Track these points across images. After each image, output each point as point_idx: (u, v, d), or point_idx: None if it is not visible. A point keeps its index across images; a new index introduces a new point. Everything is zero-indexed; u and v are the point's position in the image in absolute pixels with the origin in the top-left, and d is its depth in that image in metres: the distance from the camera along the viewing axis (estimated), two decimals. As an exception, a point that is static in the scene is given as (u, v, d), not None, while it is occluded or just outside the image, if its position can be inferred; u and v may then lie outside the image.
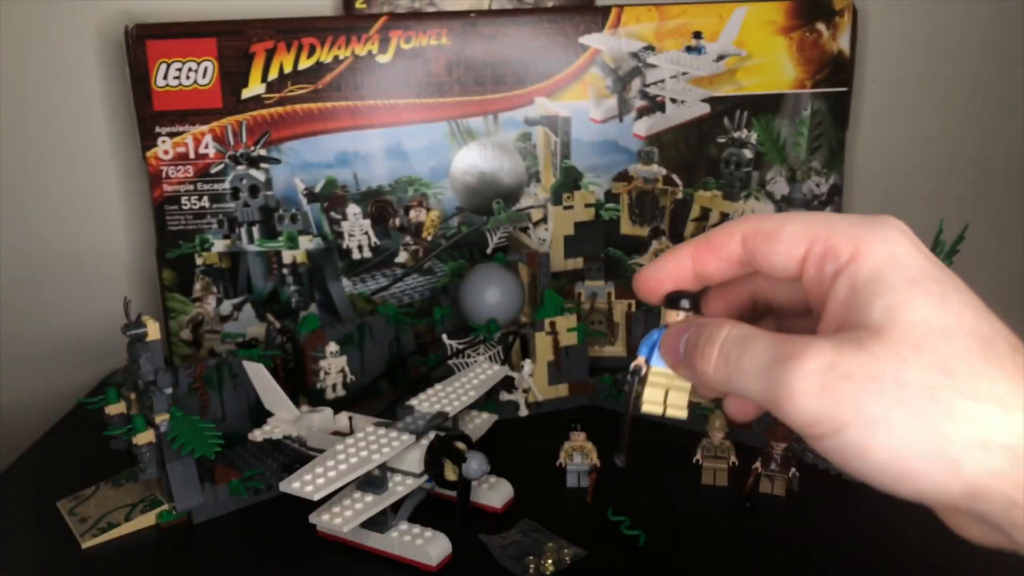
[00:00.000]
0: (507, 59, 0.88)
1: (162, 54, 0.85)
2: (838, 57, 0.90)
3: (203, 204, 0.89)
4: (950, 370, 0.25)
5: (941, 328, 0.26)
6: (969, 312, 0.27)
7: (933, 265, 0.28)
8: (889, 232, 0.29)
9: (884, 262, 0.28)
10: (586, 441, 0.64)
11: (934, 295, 0.27)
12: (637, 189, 0.93)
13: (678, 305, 0.33)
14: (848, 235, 0.29)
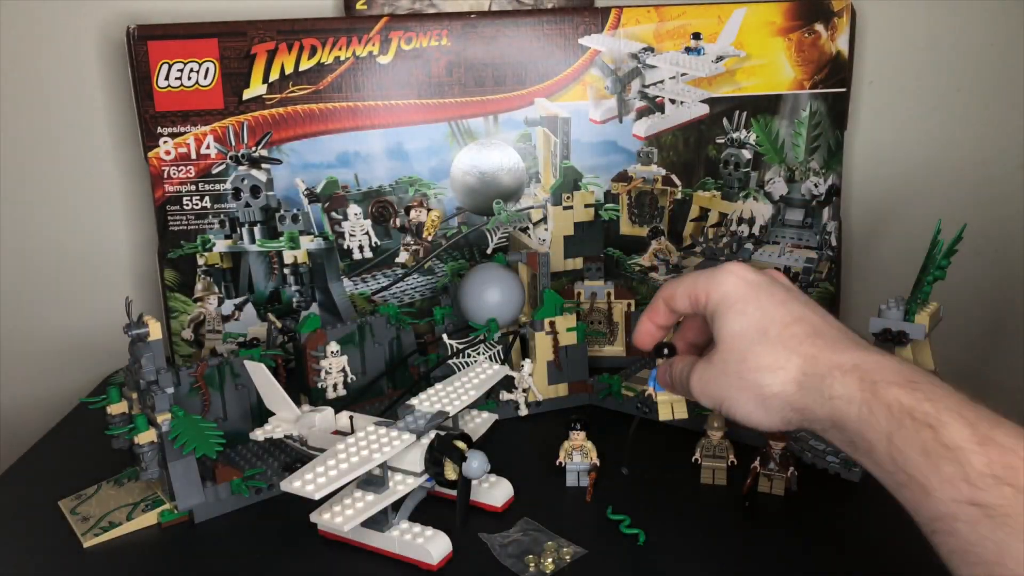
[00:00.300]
0: (507, 60, 0.88)
1: (164, 55, 0.85)
2: (836, 58, 0.90)
3: (205, 204, 0.89)
4: (744, 358, 0.45)
5: (740, 332, 0.45)
6: (760, 314, 0.45)
7: (751, 288, 0.46)
8: (723, 277, 0.47)
9: (718, 300, 0.47)
10: (586, 440, 0.64)
11: (740, 311, 0.45)
12: (636, 189, 0.93)
13: (661, 354, 0.53)
14: (702, 287, 0.48)
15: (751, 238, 0.94)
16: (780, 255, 0.94)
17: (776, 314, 0.45)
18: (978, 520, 0.36)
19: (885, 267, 1.02)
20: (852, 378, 0.41)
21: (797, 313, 0.45)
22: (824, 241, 0.94)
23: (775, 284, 0.47)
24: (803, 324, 0.44)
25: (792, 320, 0.44)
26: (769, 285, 0.46)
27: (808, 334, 0.43)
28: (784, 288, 0.47)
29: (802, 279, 0.95)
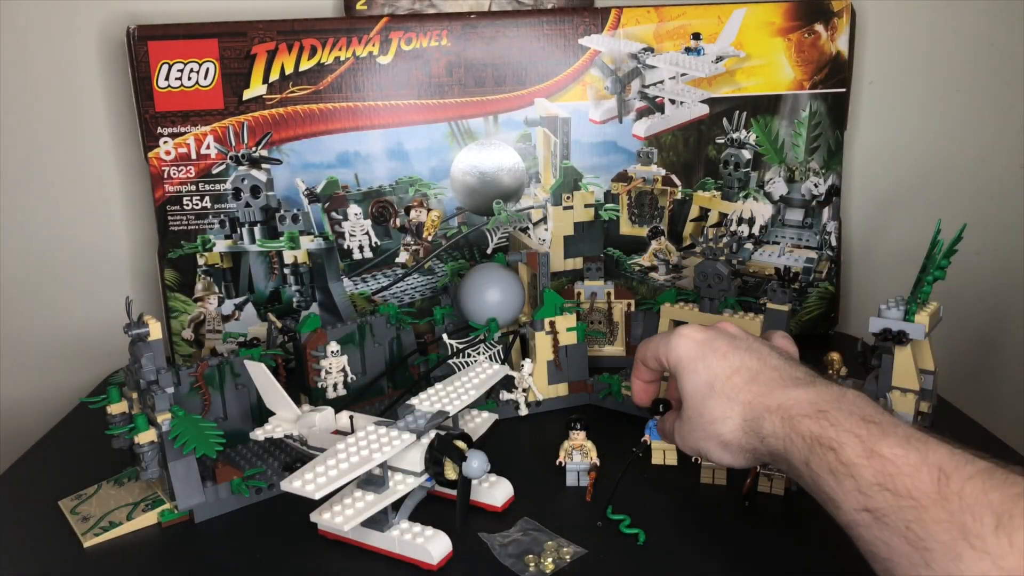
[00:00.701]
0: (507, 60, 0.88)
1: (164, 55, 0.85)
2: (836, 58, 0.90)
3: (205, 204, 0.89)
4: (701, 412, 0.52)
5: (695, 390, 0.52)
6: (707, 371, 0.52)
7: (698, 347, 0.53)
8: (676, 341, 0.54)
9: (675, 362, 0.54)
10: (586, 440, 0.64)
11: (692, 371, 0.52)
12: (636, 189, 0.93)
13: (657, 411, 0.62)
14: (662, 350, 0.55)
15: (751, 238, 0.94)
16: (780, 255, 0.94)
17: (719, 368, 0.51)
18: (870, 524, 0.42)
19: (885, 267, 1.02)
20: (776, 417, 0.47)
21: (736, 363, 0.51)
22: (824, 241, 0.94)
23: (719, 338, 0.53)
24: (742, 373, 0.50)
25: (732, 371, 0.51)
26: (714, 340, 0.53)
27: (746, 381, 0.50)
28: (727, 339, 0.53)
29: (802, 279, 0.95)
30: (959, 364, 0.98)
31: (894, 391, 0.66)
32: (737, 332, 0.54)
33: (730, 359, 0.51)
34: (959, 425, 0.74)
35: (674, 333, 0.54)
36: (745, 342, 0.53)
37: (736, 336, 0.54)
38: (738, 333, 0.54)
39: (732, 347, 0.52)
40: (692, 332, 0.54)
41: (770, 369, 0.50)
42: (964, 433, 0.72)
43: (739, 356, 0.51)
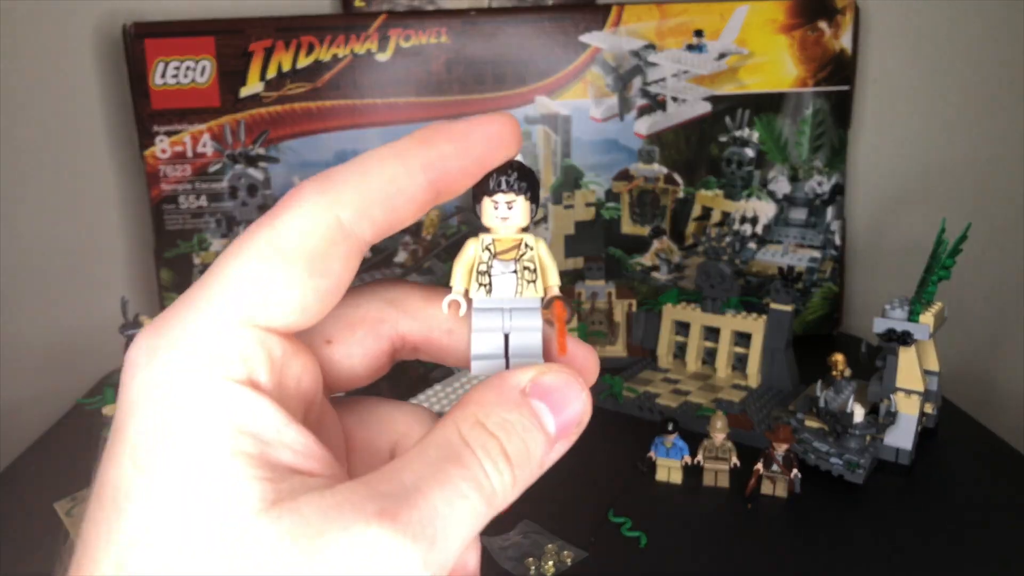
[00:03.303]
0: (507, 58, 0.87)
1: (160, 52, 0.84)
2: (840, 56, 0.89)
3: (201, 203, 0.89)
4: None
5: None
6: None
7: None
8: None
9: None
10: (586, 442, 0.63)
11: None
12: (638, 188, 0.93)
13: (666, 429, 0.62)
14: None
15: (754, 237, 0.93)
16: (783, 255, 0.94)
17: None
18: None
19: (889, 267, 1.01)
20: None
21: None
22: (828, 240, 0.93)
23: None
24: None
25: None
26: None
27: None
28: None
29: (805, 279, 0.94)
30: (964, 365, 0.97)
31: (898, 392, 0.66)
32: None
33: None
34: (963, 427, 0.73)
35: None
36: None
37: None
38: None
39: None
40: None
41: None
42: (968, 435, 0.72)
43: None
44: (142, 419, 0.20)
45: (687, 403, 0.75)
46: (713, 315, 0.80)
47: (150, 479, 0.20)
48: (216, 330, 0.21)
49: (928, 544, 0.57)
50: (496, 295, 0.24)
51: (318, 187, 0.22)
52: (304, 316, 0.22)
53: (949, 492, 0.64)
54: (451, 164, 0.23)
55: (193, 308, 0.21)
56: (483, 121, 0.24)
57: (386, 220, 0.23)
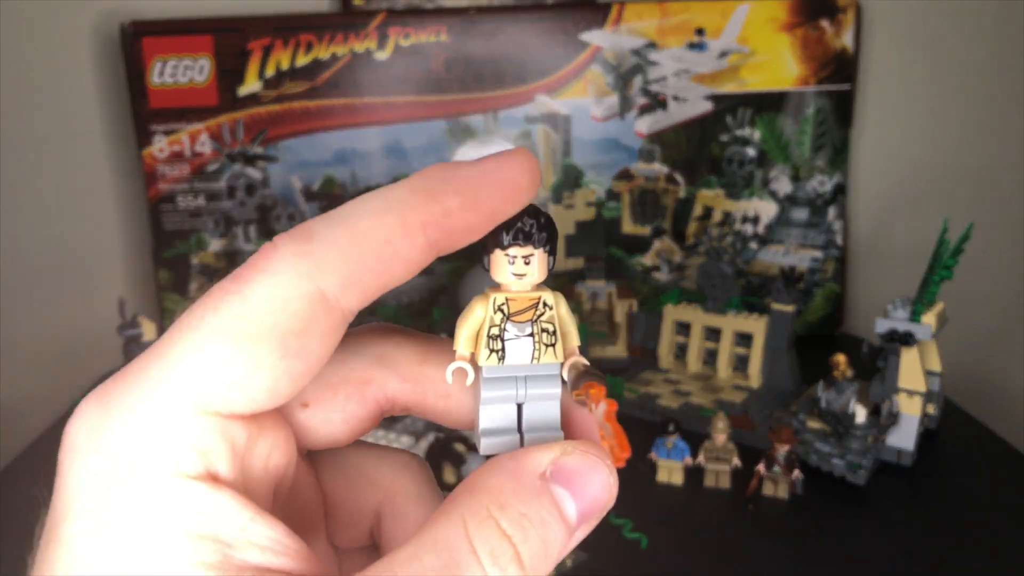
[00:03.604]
0: (507, 56, 0.87)
1: (158, 51, 0.84)
2: (841, 54, 0.89)
3: (199, 203, 0.88)
4: None
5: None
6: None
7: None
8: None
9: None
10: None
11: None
12: (639, 188, 0.92)
13: (667, 429, 0.63)
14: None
15: (755, 237, 0.93)
16: (785, 255, 0.93)
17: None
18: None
19: (891, 267, 1.00)
20: None
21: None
22: (829, 240, 0.93)
23: None
24: None
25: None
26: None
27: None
28: None
29: (807, 279, 0.93)
30: (966, 366, 0.97)
31: (900, 393, 0.65)
32: None
33: None
34: (965, 428, 0.73)
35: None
36: None
37: None
38: None
39: None
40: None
41: None
42: (970, 436, 0.71)
43: None
44: (81, 518, 0.17)
45: (688, 404, 0.74)
46: (714, 315, 0.79)
47: None
48: (168, 418, 0.18)
49: (930, 545, 0.56)
50: (510, 362, 0.21)
51: (297, 248, 0.18)
52: (273, 399, 0.18)
53: (951, 493, 0.63)
54: (456, 221, 0.19)
55: (144, 386, 0.18)
56: (497, 167, 0.19)
57: (377, 286, 0.19)
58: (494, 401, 0.21)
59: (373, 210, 0.19)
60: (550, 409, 0.21)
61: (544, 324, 0.21)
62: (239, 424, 0.18)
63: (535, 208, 0.21)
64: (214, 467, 0.18)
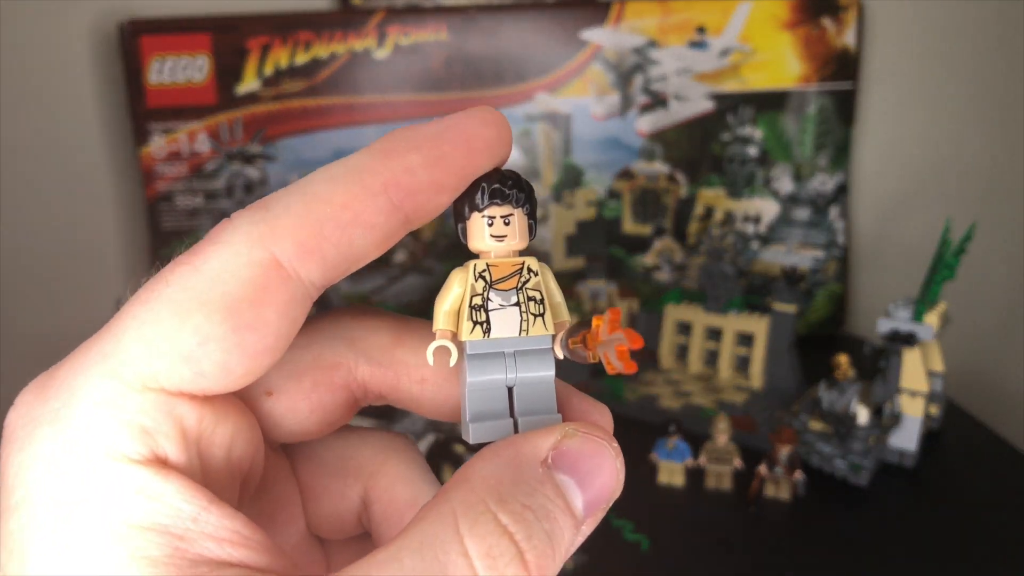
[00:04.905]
0: (507, 55, 0.87)
1: (156, 50, 0.83)
2: (843, 53, 0.88)
3: (197, 202, 0.88)
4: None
5: None
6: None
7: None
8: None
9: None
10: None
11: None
12: (639, 187, 0.92)
13: (668, 430, 0.62)
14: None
15: (757, 237, 0.93)
16: (786, 254, 0.93)
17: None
18: None
19: (894, 267, 1.00)
20: None
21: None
22: (831, 240, 0.92)
23: None
24: None
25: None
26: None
27: None
28: None
29: (809, 279, 0.93)
30: (968, 366, 0.97)
31: (902, 393, 0.65)
32: None
33: None
34: (968, 428, 0.72)
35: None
36: None
37: None
38: None
39: None
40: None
41: None
42: (973, 437, 0.71)
43: None
44: (15, 516, 0.16)
45: (689, 405, 0.74)
46: (716, 315, 0.79)
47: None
48: (107, 395, 0.16)
49: (933, 546, 0.56)
50: (496, 335, 0.19)
51: (251, 217, 0.17)
52: (226, 377, 0.17)
53: (953, 494, 0.63)
54: (420, 179, 0.18)
55: (85, 365, 0.16)
56: (458, 120, 0.18)
57: (340, 256, 0.17)
58: (482, 383, 0.19)
59: (331, 176, 0.18)
60: (545, 390, 0.19)
61: (530, 292, 0.19)
62: (189, 404, 0.17)
63: (509, 170, 0.19)
64: (161, 450, 0.16)
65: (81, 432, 0.16)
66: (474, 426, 0.19)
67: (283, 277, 0.17)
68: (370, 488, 0.22)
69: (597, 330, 0.18)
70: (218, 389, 0.17)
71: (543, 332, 0.19)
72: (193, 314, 0.16)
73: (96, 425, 0.16)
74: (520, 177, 0.19)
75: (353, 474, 0.22)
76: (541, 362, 0.19)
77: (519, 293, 0.19)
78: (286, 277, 0.17)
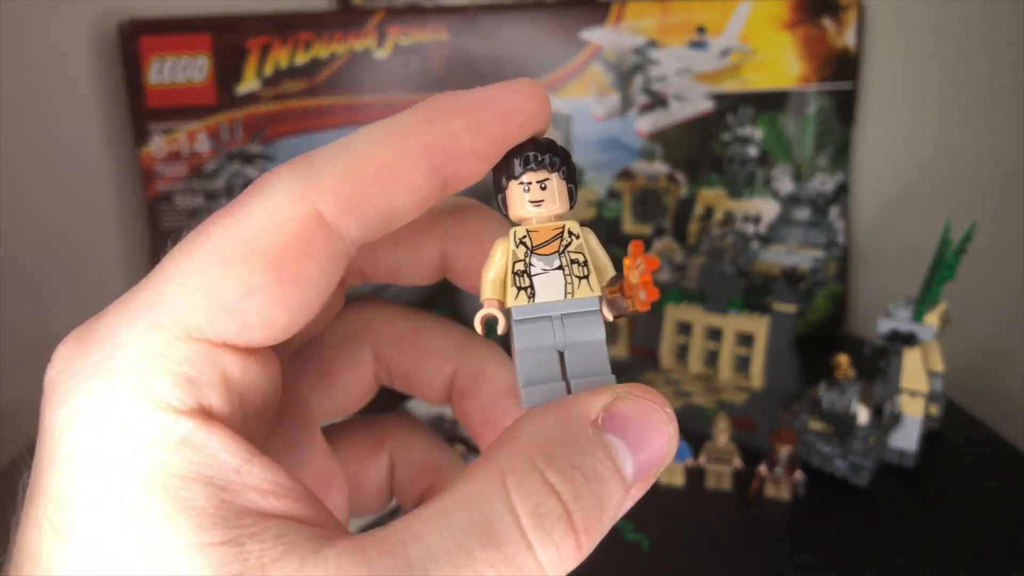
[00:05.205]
0: (507, 55, 0.87)
1: (156, 50, 0.83)
2: (843, 53, 0.88)
3: (197, 202, 0.88)
4: None
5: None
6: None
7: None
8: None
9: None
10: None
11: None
12: (639, 187, 0.92)
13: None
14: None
15: (757, 237, 0.93)
16: (787, 254, 0.93)
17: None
18: None
19: (894, 267, 1.00)
20: None
21: None
22: (832, 240, 0.92)
23: None
24: None
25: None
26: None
27: None
28: None
29: (809, 279, 0.93)
30: (969, 366, 0.97)
31: (903, 393, 0.65)
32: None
33: None
34: (968, 429, 0.72)
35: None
36: None
37: None
38: None
39: None
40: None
41: None
42: (973, 437, 0.71)
43: None
44: (61, 469, 0.16)
45: (689, 404, 0.74)
46: (716, 315, 0.79)
47: (74, 552, 0.15)
48: (154, 345, 0.16)
49: (933, 547, 0.56)
50: (541, 299, 0.19)
51: (295, 171, 0.17)
52: (269, 331, 0.17)
53: (953, 494, 0.63)
54: (462, 144, 0.18)
55: (126, 316, 0.16)
56: (500, 90, 0.18)
57: (380, 215, 0.18)
58: (531, 348, 0.19)
59: (374, 136, 0.18)
60: (596, 352, 0.20)
61: (573, 255, 0.19)
62: (231, 356, 0.17)
63: (544, 138, 0.19)
64: (206, 400, 0.16)
65: (127, 382, 0.16)
66: (526, 390, 0.19)
67: (326, 232, 0.17)
68: (395, 456, 0.25)
69: (628, 273, 0.18)
70: (260, 342, 0.17)
71: (589, 294, 0.19)
72: (237, 265, 0.16)
73: (142, 375, 0.16)
74: (554, 143, 0.19)
75: (379, 442, 0.25)
76: (590, 324, 0.20)
77: (561, 257, 0.19)
78: (329, 232, 0.17)
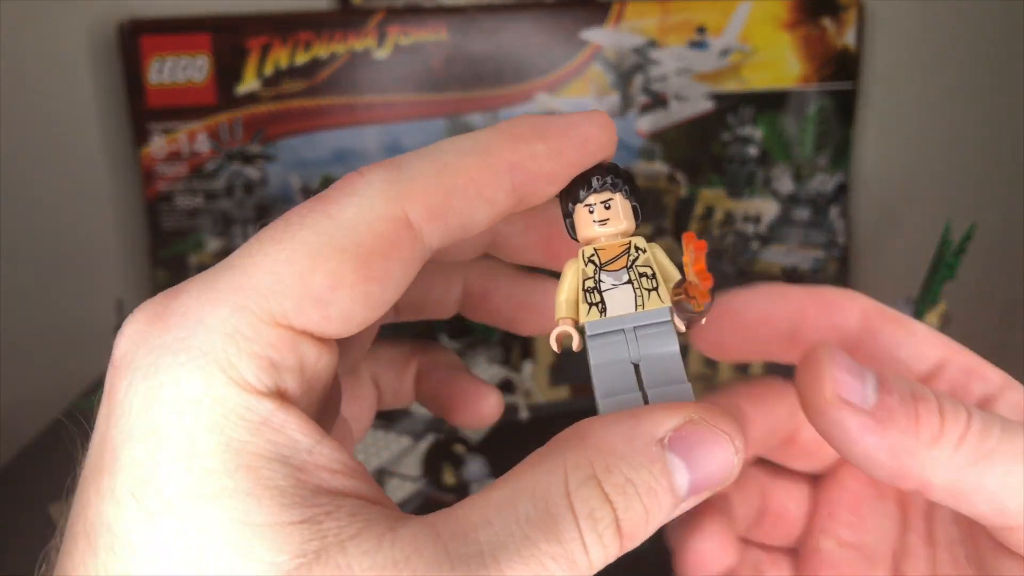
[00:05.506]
0: (507, 55, 0.87)
1: (156, 50, 0.84)
2: (844, 53, 0.88)
3: (197, 202, 0.88)
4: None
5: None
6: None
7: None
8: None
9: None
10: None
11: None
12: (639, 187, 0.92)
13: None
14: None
15: (757, 237, 0.93)
16: (787, 254, 0.93)
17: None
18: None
19: (894, 266, 1.00)
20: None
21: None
22: (831, 240, 0.92)
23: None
24: None
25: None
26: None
27: None
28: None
29: (809, 279, 0.93)
30: (967, 365, 0.97)
31: (904, 394, 0.65)
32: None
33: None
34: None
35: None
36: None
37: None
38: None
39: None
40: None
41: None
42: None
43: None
44: (144, 443, 0.16)
45: (689, 404, 0.74)
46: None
47: (160, 526, 0.16)
48: (240, 327, 0.17)
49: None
50: (612, 313, 0.20)
51: (387, 174, 0.19)
52: (346, 324, 0.18)
53: (955, 495, 0.63)
54: (542, 166, 0.19)
55: (212, 296, 0.17)
56: (579, 120, 0.20)
57: (459, 225, 0.19)
58: (605, 362, 0.20)
59: (462, 149, 0.19)
60: (671, 364, 0.20)
61: (641, 269, 0.20)
62: (310, 344, 0.17)
63: (608, 162, 0.21)
64: (284, 384, 0.17)
65: (212, 361, 0.16)
66: (604, 402, 0.20)
67: (411, 236, 0.18)
68: (421, 372, 0.29)
69: (686, 271, 0.19)
70: (335, 333, 0.18)
71: (659, 305, 0.20)
72: (328, 259, 0.17)
73: (228, 355, 0.16)
74: (617, 166, 0.21)
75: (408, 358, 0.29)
76: (662, 336, 0.20)
77: (629, 271, 0.20)
78: (413, 237, 0.18)
